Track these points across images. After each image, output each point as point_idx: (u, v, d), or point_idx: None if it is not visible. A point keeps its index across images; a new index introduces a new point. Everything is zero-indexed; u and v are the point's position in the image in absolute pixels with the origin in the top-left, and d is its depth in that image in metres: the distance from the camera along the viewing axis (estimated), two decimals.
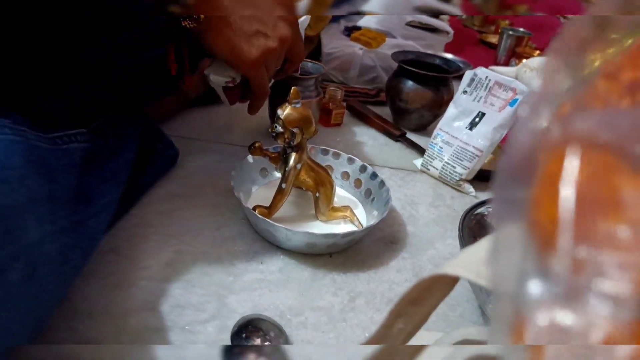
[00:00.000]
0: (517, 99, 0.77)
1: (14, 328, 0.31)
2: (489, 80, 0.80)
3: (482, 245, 0.24)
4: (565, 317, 0.11)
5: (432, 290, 0.28)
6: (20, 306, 0.31)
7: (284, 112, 0.58)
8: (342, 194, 0.72)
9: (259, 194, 0.68)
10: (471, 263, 0.24)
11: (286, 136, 0.59)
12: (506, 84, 0.79)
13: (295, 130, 0.58)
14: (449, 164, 0.81)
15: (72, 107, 0.54)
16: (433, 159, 0.83)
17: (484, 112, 0.80)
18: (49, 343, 0.43)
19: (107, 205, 0.50)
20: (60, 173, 0.42)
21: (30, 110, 0.44)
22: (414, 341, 0.39)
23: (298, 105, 0.59)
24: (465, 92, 0.83)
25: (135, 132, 0.61)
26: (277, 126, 0.59)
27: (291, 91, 0.58)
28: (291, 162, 0.61)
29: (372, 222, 0.62)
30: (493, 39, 1.75)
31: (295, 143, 0.59)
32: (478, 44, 1.83)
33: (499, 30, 1.66)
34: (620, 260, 0.11)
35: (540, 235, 0.13)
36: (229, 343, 0.45)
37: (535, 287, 0.12)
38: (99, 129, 0.55)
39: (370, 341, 0.33)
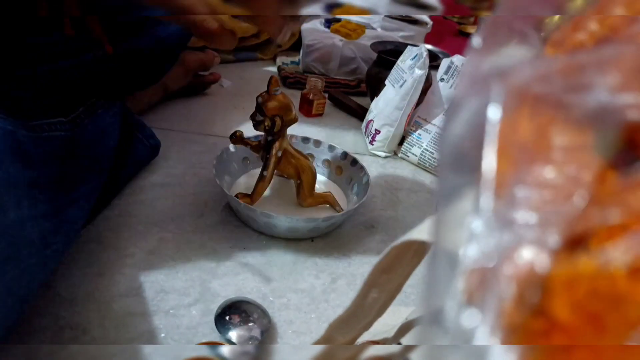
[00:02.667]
0: None
1: None
2: None
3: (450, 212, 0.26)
4: (494, 244, 0.12)
5: (403, 258, 0.30)
6: (2, 284, 0.32)
7: (264, 100, 0.59)
8: (323, 182, 0.73)
9: (241, 183, 0.69)
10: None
11: (266, 124, 0.60)
12: None
13: (275, 118, 0.59)
14: (427, 150, 0.82)
15: (51, 96, 0.55)
16: (412, 146, 0.84)
17: None
18: (32, 329, 0.43)
19: (89, 193, 0.51)
20: (40, 160, 0.42)
21: (9, 100, 0.45)
22: (391, 317, 0.40)
23: (277, 93, 0.60)
24: (442, 79, 0.84)
25: (115, 122, 0.61)
26: (257, 114, 0.60)
27: (271, 79, 0.59)
28: (272, 149, 0.61)
29: (353, 206, 0.63)
30: (472, 30, 1.78)
31: (275, 130, 0.60)
32: (457, 34, 1.85)
33: (477, 21, 1.68)
34: (546, 197, 0.12)
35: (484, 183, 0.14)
36: (213, 325, 0.47)
37: (474, 223, 0.14)
38: (78, 118, 0.55)
39: (345, 312, 0.34)
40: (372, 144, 0.86)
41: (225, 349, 0.44)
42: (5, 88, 0.49)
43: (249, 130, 0.63)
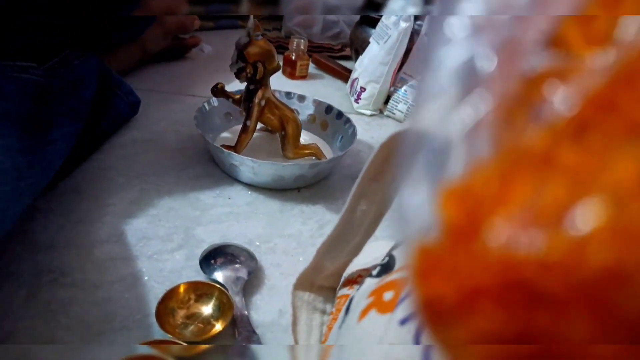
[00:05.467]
0: None
1: None
2: None
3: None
4: None
5: (391, 161, 0.28)
6: None
7: (244, 45, 0.57)
8: (308, 137, 0.71)
9: (224, 138, 0.68)
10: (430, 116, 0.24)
11: (248, 71, 0.58)
12: None
13: (257, 64, 0.58)
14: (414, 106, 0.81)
15: (22, 40, 0.53)
16: (398, 103, 0.83)
17: None
18: (9, 273, 0.42)
19: (66, 137, 0.49)
20: (12, 95, 0.40)
21: None
22: (378, 250, 0.39)
23: (259, 39, 0.58)
24: (427, 35, 0.83)
25: (92, 74, 0.59)
26: (238, 61, 0.58)
27: (251, 23, 0.57)
28: (255, 98, 0.60)
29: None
30: None
31: (258, 77, 0.58)
32: None
33: None
34: None
35: None
36: (198, 268, 0.45)
37: None
38: (52, 68, 0.53)
39: (333, 232, 0.33)
40: (358, 102, 0.84)
41: (218, 276, 0.43)
42: None
43: (231, 89, 0.62)
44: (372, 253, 0.38)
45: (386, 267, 0.29)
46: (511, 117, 0.11)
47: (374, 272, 0.30)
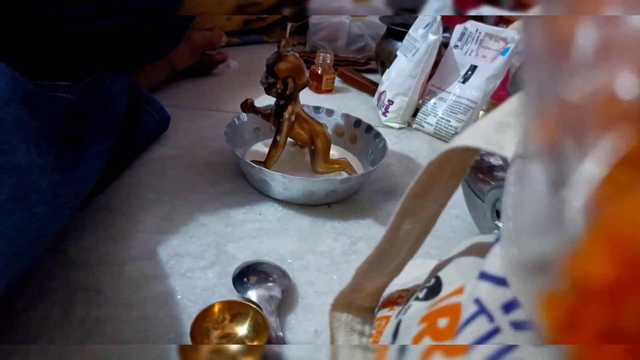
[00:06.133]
0: (509, 48, 0.76)
1: (2, 247, 0.29)
2: (479, 32, 0.80)
3: (492, 116, 0.23)
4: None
5: (439, 179, 0.27)
6: (10, 224, 0.30)
7: (274, 61, 0.57)
8: (338, 152, 0.70)
9: (253, 153, 0.67)
10: (481, 132, 0.23)
11: (278, 87, 0.58)
12: (497, 35, 0.78)
13: (287, 79, 0.57)
14: (443, 118, 0.80)
15: (57, 62, 0.53)
16: (427, 116, 0.82)
17: (475, 64, 0.79)
18: (43, 291, 0.41)
19: (98, 154, 0.49)
20: (48, 114, 0.40)
21: (16, 62, 0.43)
22: (418, 268, 0.38)
23: (289, 54, 0.58)
24: (456, 46, 0.82)
25: (123, 92, 0.59)
26: (268, 77, 0.58)
27: (282, 41, 0.57)
28: (284, 114, 0.59)
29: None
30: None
31: (288, 93, 0.58)
32: (464, 17, 1.82)
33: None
34: None
35: None
36: (231, 286, 0.44)
37: None
38: (86, 87, 0.54)
39: (375, 252, 0.32)
40: (385, 116, 0.83)
41: (252, 295, 0.42)
42: (13, 51, 0.47)
43: (259, 104, 0.62)
44: (411, 272, 0.37)
45: (433, 289, 0.28)
46: None
47: (420, 295, 0.28)
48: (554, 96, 0.13)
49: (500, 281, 0.20)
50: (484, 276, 0.21)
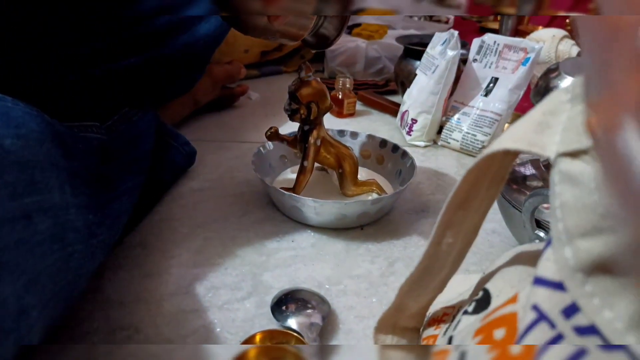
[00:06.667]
0: (530, 58, 0.75)
1: (44, 287, 0.29)
2: (498, 44, 0.79)
3: (530, 117, 0.23)
4: None
5: (480, 187, 0.26)
6: (50, 263, 0.30)
7: (297, 87, 0.57)
8: (366, 174, 0.70)
9: (282, 181, 0.67)
10: (520, 134, 0.22)
11: (302, 112, 0.58)
12: (516, 45, 0.77)
13: (310, 104, 0.57)
14: (469, 133, 0.79)
15: (83, 103, 0.54)
16: (452, 132, 0.81)
17: (496, 76, 0.79)
18: (84, 332, 0.41)
19: (129, 190, 0.49)
20: (79, 153, 0.41)
21: (43, 105, 0.44)
22: (461, 284, 0.37)
23: (311, 79, 0.58)
24: (475, 60, 0.81)
25: (150, 128, 0.60)
26: (291, 103, 0.58)
27: (303, 66, 0.57)
28: (310, 139, 0.59)
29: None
30: (493, 25, 1.75)
31: (312, 118, 0.58)
32: (478, 32, 1.82)
33: (498, 17, 1.65)
34: None
35: None
36: (270, 316, 0.44)
37: None
38: (114, 126, 0.55)
39: (417, 268, 0.31)
40: (410, 135, 0.83)
41: (292, 323, 0.41)
42: (40, 94, 0.49)
43: (283, 132, 0.62)
44: (453, 289, 0.36)
45: (482, 302, 0.27)
46: None
47: (469, 309, 0.27)
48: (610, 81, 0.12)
49: (558, 285, 0.19)
50: (539, 281, 0.20)
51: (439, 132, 0.84)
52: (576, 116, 0.20)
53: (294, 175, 0.61)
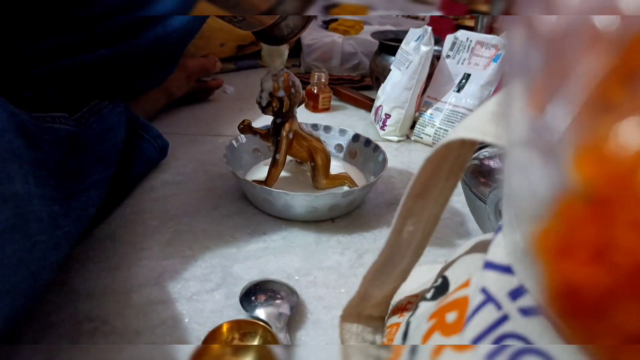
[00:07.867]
0: (501, 54, 0.77)
1: (2, 276, 0.29)
2: (470, 41, 0.80)
3: (485, 107, 0.23)
4: None
5: (439, 177, 0.27)
6: (10, 253, 0.30)
7: (268, 80, 0.58)
8: (338, 167, 0.70)
9: (253, 173, 0.67)
10: (475, 124, 0.23)
11: (274, 105, 0.58)
12: (488, 42, 0.79)
13: (282, 97, 0.58)
14: (441, 128, 0.80)
15: (53, 95, 0.54)
16: (425, 127, 0.82)
17: (469, 73, 0.80)
18: (50, 324, 0.41)
19: (98, 183, 0.49)
20: (45, 144, 0.40)
21: (11, 97, 0.43)
22: (425, 274, 0.38)
23: (283, 72, 0.58)
24: (448, 56, 0.82)
25: (121, 121, 0.59)
26: (264, 96, 0.58)
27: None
28: (282, 131, 0.59)
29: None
30: (469, 22, 1.77)
31: (284, 111, 0.58)
32: (455, 29, 1.84)
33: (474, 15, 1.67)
34: None
35: None
36: (239, 307, 0.44)
37: None
38: (83, 118, 0.54)
39: (380, 257, 0.31)
40: (384, 129, 0.83)
41: (260, 313, 0.42)
42: (7, 85, 0.48)
43: (257, 126, 0.63)
44: (417, 279, 0.36)
45: (441, 288, 0.27)
46: None
47: (428, 296, 0.28)
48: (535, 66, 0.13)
49: (506, 269, 0.20)
50: (489, 265, 0.20)
51: (412, 127, 0.85)
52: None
53: (267, 168, 0.61)
